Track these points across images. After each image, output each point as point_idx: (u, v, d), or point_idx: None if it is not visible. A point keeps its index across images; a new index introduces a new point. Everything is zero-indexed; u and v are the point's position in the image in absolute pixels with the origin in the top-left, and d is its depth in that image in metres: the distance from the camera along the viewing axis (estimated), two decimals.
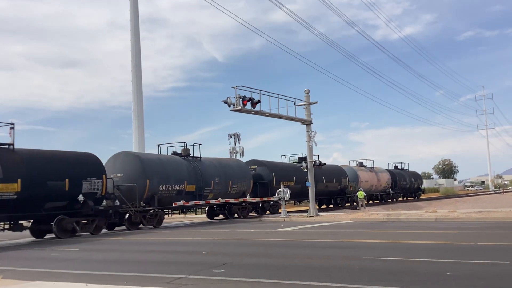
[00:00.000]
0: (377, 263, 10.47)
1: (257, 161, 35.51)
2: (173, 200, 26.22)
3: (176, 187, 26.41)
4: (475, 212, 25.99)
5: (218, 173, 29.59)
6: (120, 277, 9.76)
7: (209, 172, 28.90)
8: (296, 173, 36.41)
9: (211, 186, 28.67)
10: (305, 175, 32.94)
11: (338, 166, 44.83)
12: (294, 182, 35.82)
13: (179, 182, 26.58)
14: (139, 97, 37.64)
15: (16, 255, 14.96)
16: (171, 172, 26.29)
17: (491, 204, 37.10)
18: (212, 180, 28.77)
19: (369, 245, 14.18)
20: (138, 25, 38.29)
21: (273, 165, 36.28)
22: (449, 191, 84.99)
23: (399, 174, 56.33)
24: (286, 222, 26.18)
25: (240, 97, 25.02)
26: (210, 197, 28.85)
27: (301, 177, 35.29)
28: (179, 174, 26.75)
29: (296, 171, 36.79)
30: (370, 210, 34.84)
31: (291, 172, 36.71)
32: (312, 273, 9.39)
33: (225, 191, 29.68)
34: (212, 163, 29.91)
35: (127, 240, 18.71)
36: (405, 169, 59.92)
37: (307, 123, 30.12)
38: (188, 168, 27.53)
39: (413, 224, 21.91)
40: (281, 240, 16.61)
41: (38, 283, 9.09)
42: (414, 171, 63.68)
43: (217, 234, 19.20)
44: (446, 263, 10.12)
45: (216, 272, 9.78)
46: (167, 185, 25.80)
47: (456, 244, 13.46)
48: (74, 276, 10.04)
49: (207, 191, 28.44)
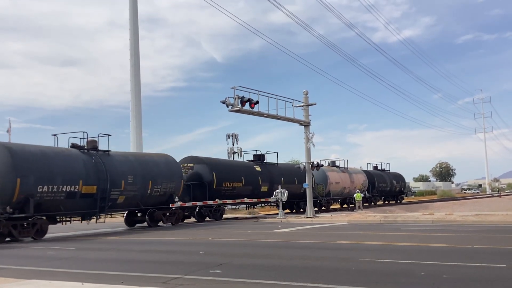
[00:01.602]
0: (374, 265, 10.48)
1: (196, 158, 30.28)
2: (63, 204, 21.06)
3: (66, 188, 20.95)
4: (472, 215, 26.02)
5: (134, 171, 24.32)
6: (116, 276, 9.74)
7: (120, 169, 23.61)
8: (246, 173, 32.05)
9: (121, 187, 23.34)
10: (256, 176, 31.63)
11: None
12: (242, 183, 31.26)
13: (70, 181, 21.14)
14: (137, 96, 37.66)
15: (12, 254, 14.92)
16: (58, 169, 20.90)
17: (488, 207, 37.21)
18: (123, 180, 23.47)
19: (366, 247, 14.18)
20: (137, 24, 38.35)
21: (216, 163, 30.97)
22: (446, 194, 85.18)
23: (378, 175, 51.54)
24: (283, 223, 26.17)
25: (239, 97, 25.04)
26: (121, 201, 23.57)
27: (252, 178, 31.98)
28: (71, 171, 21.34)
29: (246, 171, 32.42)
30: (367, 212, 34.88)
31: (239, 172, 31.65)
32: (309, 274, 9.38)
33: (142, 193, 24.65)
34: (127, 159, 24.90)
35: (124, 240, 18.67)
36: (386, 170, 55.40)
37: (305, 124, 30.13)
38: (87, 164, 22.14)
39: (410, 226, 21.93)
40: (278, 241, 16.60)
41: (34, 282, 9.06)
42: (397, 172, 59.37)
43: (214, 235, 19.19)
44: (443, 265, 10.13)
45: (212, 273, 9.77)
46: (51, 185, 20.37)
47: (452, 247, 13.47)
48: (70, 275, 10.02)
49: (115, 193, 23.13)
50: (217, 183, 29.30)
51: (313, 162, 31.47)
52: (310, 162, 30.85)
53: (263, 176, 33.50)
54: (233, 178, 30.81)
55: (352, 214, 31.90)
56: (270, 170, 34.58)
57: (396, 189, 55.92)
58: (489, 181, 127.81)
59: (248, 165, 33.79)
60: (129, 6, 38.14)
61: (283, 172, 35.71)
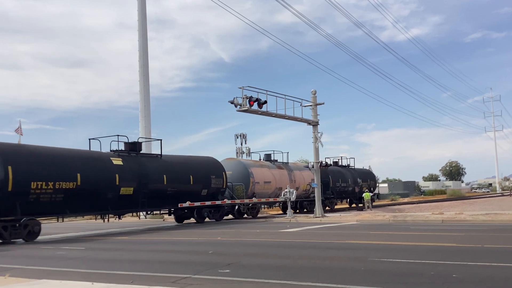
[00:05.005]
0: (383, 264, 10.44)
1: None
2: None
3: None
4: (482, 215, 25.84)
5: None
6: (125, 276, 9.79)
7: None
8: (84, 166, 21.53)
9: None
10: (113, 173, 22.43)
11: (212, 158, 30.38)
12: (77, 182, 20.74)
13: None
14: (146, 97, 37.79)
15: (23, 254, 15.04)
16: None
17: (498, 207, 36.89)
18: None
19: (375, 246, 14.14)
20: (146, 25, 38.49)
21: (12, 150, 19.45)
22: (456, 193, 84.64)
23: (335, 173, 40.31)
24: (292, 223, 26.15)
25: (247, 97, 25.05)
26: None
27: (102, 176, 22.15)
28: None
29: (84, 163, 21.71)
30: (376, 212, 34.76)
31: (74, 164, 21.17)
32: (317, 274, 9.37)
33: None
34: None
35: (133, 240, 18.75)
36: (351, 167, 44.48)
37: (314, 124, 30.08)
38: None
39: (419, 226, 21.83)
40: (287, 240, 16.60)
41: (45, 282, 9.13)
42: (366, 169, 48.62)
43: (223, 234, 19.21)
44: (452, 265, 10.07)
45: (221, 272, 9.79)
46: None
47: (462, 247, 13.39)
48: (80, 275, 10.08)
49: None
50: (17, 184, 18.69)
51: (321, 162, 31.43)
52: (319, 161, 30.80)
53: (125, 173, 23.26)
54: (53, 175, 20.01)
55: (361, 214, 31.80)
56: (140, 164, 24.55)
57: (364, 189, 43.49)
58: (499, 180, 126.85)
59: (95, 156, 22.80)
60: (137, 7, 38.30)
61: (165, 167, 25.79)
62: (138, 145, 25.53)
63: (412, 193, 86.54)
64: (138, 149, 25.39)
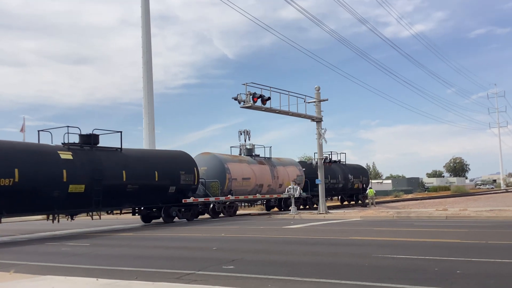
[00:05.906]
0: (387, 261, 10.44)
1: None
2: None
3: None
4: (486, 211, 25.79)
5: None
6: (130, 272, 9.82)
7: None
8: (24, 160, 18.97)
9: None
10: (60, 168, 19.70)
11: (183, 153, 27.87)
12: (15, 179, 18.19)
13: None
14: (150, 93, 37.80)
15: (27, 250, 15.13)
16: None
17: (502, 203, 36.82)
18: None
19: (379, 243, 14.14)
20: (149, 22, 38.46)
21: None
22: (460, 190, 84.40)
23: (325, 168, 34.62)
24: (295, 219, 26.17)
25: (251, 94, 25.04)
26: None
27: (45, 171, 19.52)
28: None
29: (24, 158, 19.13)
30: (380, 208, 34.75)
31: (11, 159, 18.58)
32: (321, 270, 9.38)
33: None
34: None
35: (137, 236, 18.82)
36: (341, 162, 41.99)
37: (317, 120, 30.06)
38: None
39: (423, 222, 21.81)
40: (290, 237, 16.62)
41: (49, 277, 9.17)
42: (357, 164, 46.47)
43: (227, 231, 19.26)
44: (457, 261, 10.07)
45: (225, 268, 9.81)
46: None
47: (466, 243, 13.37)
48: (84, 271, 10.13)
49: None
50: None
51: (325, 158, 31.41)
52: (323, 158, 30.82)
53: (75, 169, 20.69)
54: None
55: (365, 210, 31.80)
56: (94, 158, 21.95)
57: (354, 186, 41.90)
58: (503, 176, 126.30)
59: (38, 149, 20.42)
60: (141, 3, 38.28)
61: (125, 162, 23.41)
62: (93, 137, 22.44)
63: (416, 189, 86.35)
64: (93, 142, 22.32)
